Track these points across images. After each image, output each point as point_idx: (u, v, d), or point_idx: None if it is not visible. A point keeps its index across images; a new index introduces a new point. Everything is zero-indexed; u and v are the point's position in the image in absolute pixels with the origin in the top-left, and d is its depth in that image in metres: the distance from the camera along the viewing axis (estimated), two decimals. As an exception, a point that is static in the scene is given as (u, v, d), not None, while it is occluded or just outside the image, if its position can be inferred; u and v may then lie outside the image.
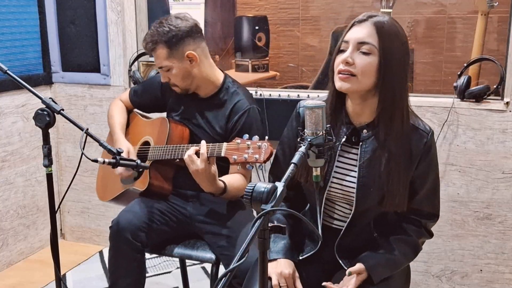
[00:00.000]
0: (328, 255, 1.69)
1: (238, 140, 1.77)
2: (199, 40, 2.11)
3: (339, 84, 1.54)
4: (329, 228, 1.70)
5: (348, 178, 1.63)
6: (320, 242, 1.69)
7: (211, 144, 1.84)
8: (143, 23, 3.14)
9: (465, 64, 2.59)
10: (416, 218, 1.67)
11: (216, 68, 2.20)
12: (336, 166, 1.64)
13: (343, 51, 1.55)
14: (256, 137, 1.74)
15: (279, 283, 1.62)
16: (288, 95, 2.80)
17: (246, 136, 1.76)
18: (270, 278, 1.63)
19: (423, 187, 1.63)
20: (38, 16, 3.14)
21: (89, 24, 3.11)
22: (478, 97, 2.51)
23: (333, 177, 1.64)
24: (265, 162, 1.69)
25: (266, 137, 1.73)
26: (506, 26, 2.61)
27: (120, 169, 2.08)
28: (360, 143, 1.61)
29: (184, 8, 3.95)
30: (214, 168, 1.86)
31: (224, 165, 2.01)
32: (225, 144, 1.80)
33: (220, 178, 1.94)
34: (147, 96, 2.34)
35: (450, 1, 3.71)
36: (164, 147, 2.08)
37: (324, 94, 1.73)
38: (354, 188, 1.61)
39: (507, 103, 2.48)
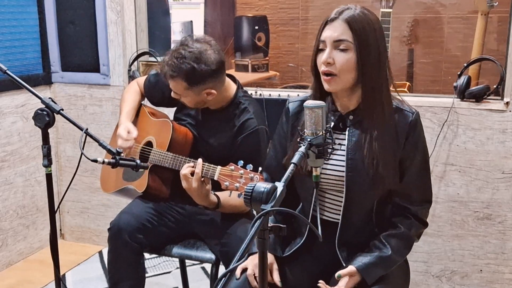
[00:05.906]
0: (325, 251, 1.69)
1: (232, 167, 1.79)
2: (221, 76, 2.03)
3: (326, 86, 1.59)
4: (321, 220, 1.69)
5: (337, 162, 1.64)
6: (306, 235, 1.69)
7: (206, 164, 1.86)
8: (143, 23, 3.14)
9: (465, 64, 2.59)
10: (406, 205, 1.66)
11: (229, 83, 2.12)
12: None
13: (321, 50, 1.58)
14: (250, 166, 1.75)
15: (254, 274, 1.63)
16: (288, 95, 2.79)
17: (241, 162, 1.77)
18: (246, 269, 1.65)
19: (411, 168, 1.63)
20: (37, 16, 3.14)
21: (89, 24, 3.11)
22: (478, 97, 2.51)
23: (324, 163, 1.65)
24: None
25: (260, 168, 1.75)
26: (506, 26, 2.61)
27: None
28: (347, 128, 1.64)
29: (184, 8, 3.94)
30: (208, 187, 1.88)
31: None
32: (219, 168, 1.82)
33: (216, 193, 1.95)
34: (156, 91, 2.29)
35: (450, 1, 3.71)
36: (165, 153, 2.07)
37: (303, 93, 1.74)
38: (343, 172, 1.62)
39: (507, 103, 2.48)
